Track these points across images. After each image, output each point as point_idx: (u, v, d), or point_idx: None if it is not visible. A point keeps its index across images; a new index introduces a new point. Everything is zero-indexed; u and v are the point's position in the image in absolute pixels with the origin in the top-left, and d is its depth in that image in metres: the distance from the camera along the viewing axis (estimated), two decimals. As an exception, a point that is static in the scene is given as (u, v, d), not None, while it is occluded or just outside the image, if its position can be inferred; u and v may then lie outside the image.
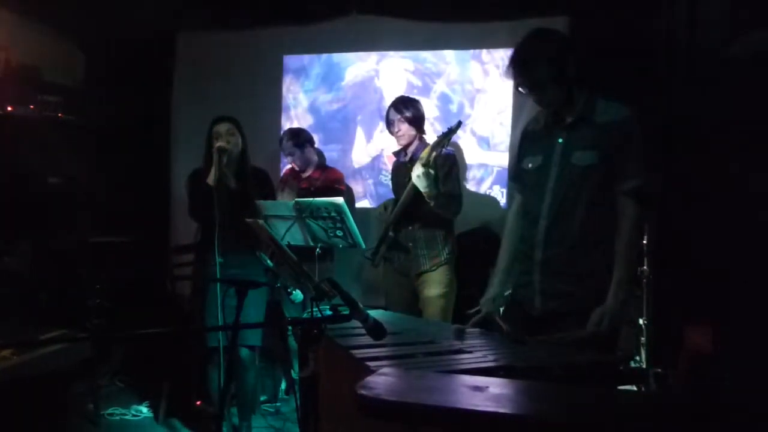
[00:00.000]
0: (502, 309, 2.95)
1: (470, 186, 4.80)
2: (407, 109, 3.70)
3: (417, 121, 3.73)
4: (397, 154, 3.91)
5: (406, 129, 3.69)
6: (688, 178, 3.87)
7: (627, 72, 4.03)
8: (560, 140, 2.46)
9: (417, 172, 3.38)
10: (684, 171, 3.87)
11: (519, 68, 2.42)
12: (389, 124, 3.76)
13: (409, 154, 3.77)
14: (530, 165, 2.55)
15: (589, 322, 2.30)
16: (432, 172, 3.39)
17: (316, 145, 4.50)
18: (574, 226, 2.40)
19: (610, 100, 2.44)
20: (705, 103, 3.80)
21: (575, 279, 2.38)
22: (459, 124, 3.53)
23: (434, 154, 3.42)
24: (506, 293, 2.65)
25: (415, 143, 3.75)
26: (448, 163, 3.62)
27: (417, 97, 4.00)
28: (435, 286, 3.64)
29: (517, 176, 2.70)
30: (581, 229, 2.39)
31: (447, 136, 3.45)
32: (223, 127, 3.57)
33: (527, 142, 2.64)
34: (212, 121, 3.61)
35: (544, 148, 2.50)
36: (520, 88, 2.47)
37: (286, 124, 5.19)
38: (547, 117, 2.52)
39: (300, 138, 4.27)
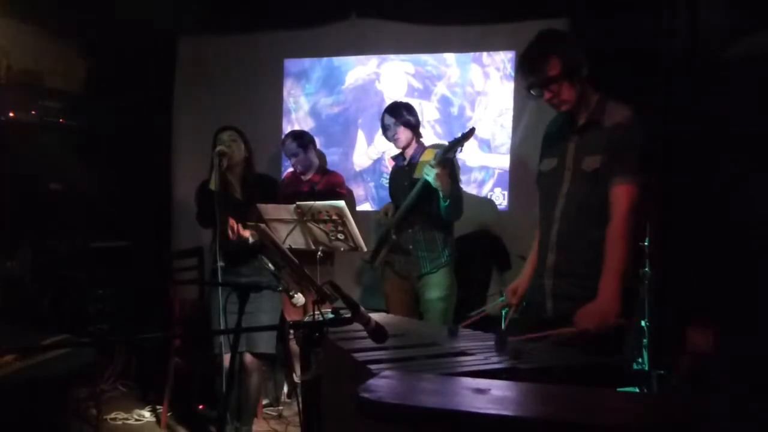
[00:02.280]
0: (505, 311, 2.95)
1: (472, 188, 4.80)
2: (401, 113, 3.71)
3: (413, 125, 3.74)
4: (395, 158, 3.92)
5: (402, 132, 3.71)
6: (689, 179, 3.87)
7: (627, 74, 4.03)
8: (572, 144, 2.44)
9: (434, 171, 3.39)
10: (685, 172, 3.87)
11: (532, 65, 2.39)
12: (385, 129, 3.78)
13: (407, 158, 3.78)
14: (545, 168, 2.54)
15: (577, 320, 2.23)
16: (435, 171, 3.41)
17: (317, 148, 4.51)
18: (584, 230, 2.38)
19: (617, 102, 2.42)
20: (705, 105, 3.81)
21: (585, 283, 2.35)
22: (473, 130, 3.51)
23: (423, 155, 3.45)
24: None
25: (413, 146, 3.77)
26: (448, 167, 3.63)
27: (418, 100, 4.02)
28: (436, 288, 3.64)
29: (537, 178, 2.66)
30: (591, 234, 2.36)
31: (460, 141, 3.45)
32: (225, 135, 3.60)
33: (546, 145, 2.61)
34: (216, 131, 3.64)
35: (559, 151, 2.49)
36: (531, 90, 2.42)
37: (287, 128, 5.19)
38: (564, 119, 2.51)
39: (303, 139, 4.30)
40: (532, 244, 2.67)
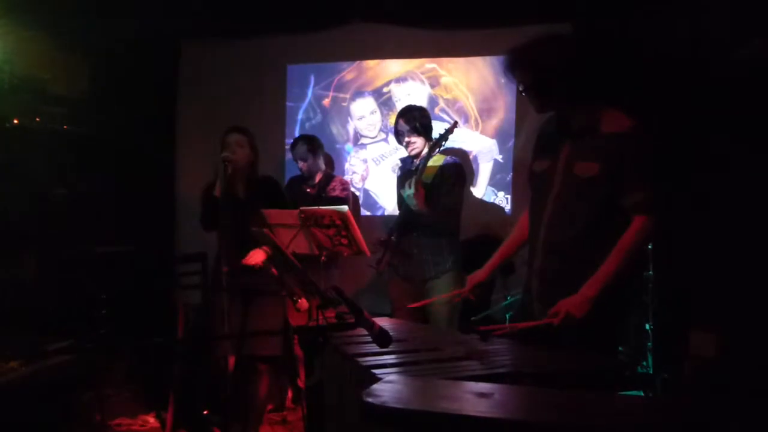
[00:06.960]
0: (510, 314, 2.94)
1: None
2: (416, 119, 3.65)
3: (427, 130, 3.69)
4: (404, 161, 3.89)
5: (417, 139, 3.65)
6: (691, 183, 3.87)
7: (630, 79, 4.03)
8: (565, 148, 2.40)
9: (409, 192, 3.42)
10: (687, 175, 3.87)
11: (524, 66, 2.35)
12: (399, 134, 3.71)
13: (416, 162, 3.75)
14: (538, 168, 2.52)
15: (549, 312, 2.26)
16: (412, 190, 3.44)
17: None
18: (569, 237, 2.35)
19: (616, 109, 2.36)
20: (709, 109, 3.81)
21: (569, 289, 2.30)
22: (455, 124, 3.53)
23: (431, 159, 3.48)
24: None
25: (425, 152, 3.71)
26: (452, 175, 3.63)
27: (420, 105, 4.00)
28: (441, 292, 3.62)
29: (529, 178, 2.63)
30: (576, 242, 2.34)
31: (444, 136, 3.46)
32: (232, 138, 3.61)
33: (539, 144, 2.59)
34: (224, 132, 3.64)
35: (551, 153, 2.46)
36: (520, 87, 2.40)
37: (289, 133, 5.20)
38: (557, 122, 2.47)
39: (313, 144, 4.31)
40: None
